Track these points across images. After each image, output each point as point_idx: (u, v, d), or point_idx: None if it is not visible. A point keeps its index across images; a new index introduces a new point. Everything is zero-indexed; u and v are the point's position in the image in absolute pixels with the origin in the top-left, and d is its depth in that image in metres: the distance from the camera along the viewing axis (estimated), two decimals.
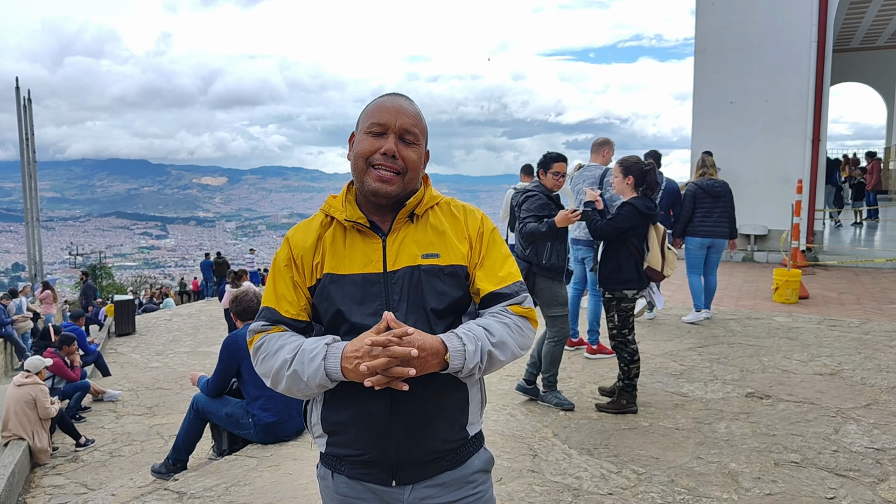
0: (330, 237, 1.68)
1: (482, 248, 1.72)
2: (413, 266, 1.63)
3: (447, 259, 1.66)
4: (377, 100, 1.70)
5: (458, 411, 1.68)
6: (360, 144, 1.65)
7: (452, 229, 1.71)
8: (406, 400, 1.56)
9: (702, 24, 12.13)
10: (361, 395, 1.56)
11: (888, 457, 3.74)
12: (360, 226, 1.65)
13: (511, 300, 1.68)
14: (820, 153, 11.23)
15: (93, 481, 5.77)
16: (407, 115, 1.65)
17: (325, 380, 1.52)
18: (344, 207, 1.69)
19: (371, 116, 1.65)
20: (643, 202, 4.49)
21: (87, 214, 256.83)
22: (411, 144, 1.65)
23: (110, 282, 46.86)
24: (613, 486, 3.51)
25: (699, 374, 5.42)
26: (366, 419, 1.60)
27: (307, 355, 1.55)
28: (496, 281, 1.68)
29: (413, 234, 1.67)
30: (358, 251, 1.65)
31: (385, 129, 1.62)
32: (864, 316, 7.28)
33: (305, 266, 1.67)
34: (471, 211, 1.78)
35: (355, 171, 1.66)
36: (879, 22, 19.26)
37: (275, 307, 1.68)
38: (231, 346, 4.64)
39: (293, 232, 1.74)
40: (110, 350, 13.43)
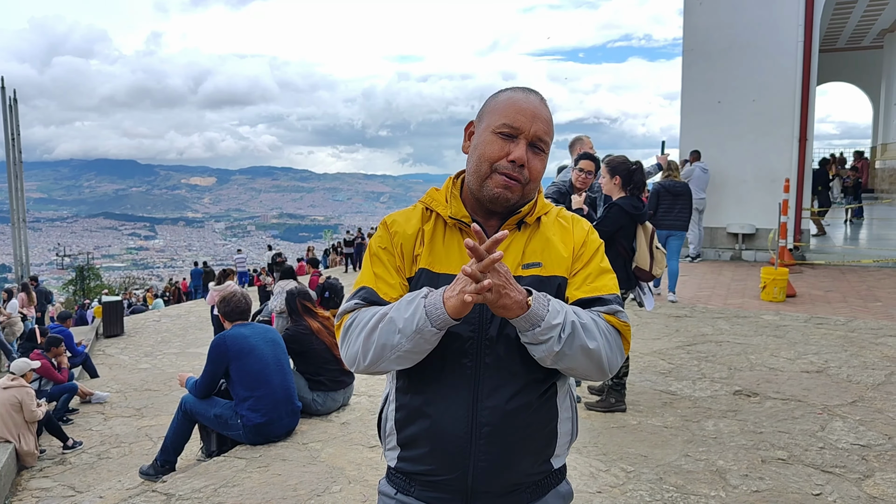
0: (430, 231, 1.57)
1: (583, 258, 1.59)
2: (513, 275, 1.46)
3: (550, 269, 1.54)
4: (509, 94, 1.55)
5: (545, 443, 1.56)
6: (487, 146, 1.50)
7: (560, 237, 1.60)
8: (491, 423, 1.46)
9: (689, 25, 12.18)
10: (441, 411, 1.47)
11: (874, 453, 3.78)
12: (463, 224, 1.54)
13: (604, 307, 1.52)
14: (807, 152, 11.31)
15: (80, 484, 5.73)
16: (542, 121, 1.51)
17: (425, 321, 1.36)
18: (448, 203, 1.58)
19: (503, 115, 1.50)
20: (630, 202, 4.49)
21: (75, 215, 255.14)
22: (540, 153, 1.52)
23: (98, 283, 46.60)
24: (602, 484, 3.52)
25: (687, 372, 5.45)
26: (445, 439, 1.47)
27: (405, 301, 1.43)
28: (588, 290, 1.55)
29: (518, 241, 1.56)
30: (455, 251, 1.54)
31: (517, 133, 1.49)
32: (850, 314, 7.34)
33: (406, 254, 1.56)
34: (579, 221, 1.66)
35: (475, 172, 1.53)
36: (865, 22, 19.44)
37: (373, 287, 1.55)
38: (219, 347, 4.62)
39: (392, 218, 1.63)
40: (98, 351, 13.34)
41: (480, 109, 1.60)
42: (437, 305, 1.37)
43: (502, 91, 1.58)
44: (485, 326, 1.47)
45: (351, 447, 4.38)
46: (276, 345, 4.83)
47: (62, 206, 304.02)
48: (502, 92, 1.58)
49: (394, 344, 1.41)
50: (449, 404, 1.46)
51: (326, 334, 5.32)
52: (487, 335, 1.47)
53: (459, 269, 1.43)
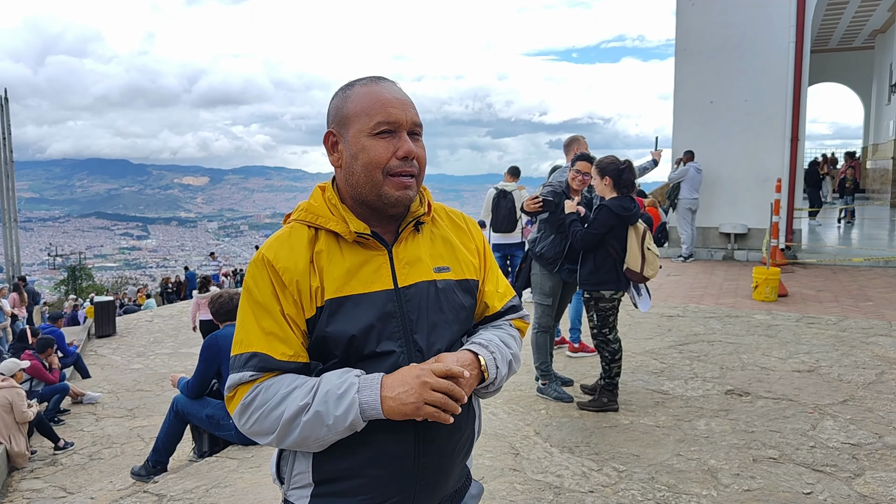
0: (323, 253, 1.39)
1: (487, 262, 1.60)
2: (427, 281, 1.43)
3: (459, 273, 1.49)
4: (365, 89, 1.42)
5: (469, 445, 1.53)
6: (370, 151, 1.37)
7: (460, 239, 1.55)
8: (431, 436, 1.38)
9: (682, 25, 12.22)
10: (379, 434, 1.34)
11: (864, 452, 3.80)
12: (364, 237, 1.40)
13: (513, 315, 1.60)
14: (798, 152, 11.35)
15: (72, 485, 5.71)
16: (411, 106, 1.42)
17: (358, 418, 1.27)
18: (338, 216, 1.42)
19: (374, 114, 1.38)
20: (619, 203, 4.45)
21: (67, 215, 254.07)
22: (419, 139, 1.43)
23: (90, 283, 46.40)
24: (594, 483, 3.53)
25: (679, 371, 5.46)
26: (386, 462, 1.36)
27: (333, 392, 1.28)
28: (500, 297, 1.59)
29: (421, 244, 1.47)
30: (361, 267, 1.39)
31: (396, 127, 1.38)
32: (841, 313, 7.37)
33: (303, 293, 1.36)
34: (470, 219, 1.63)
35: (368, 182, 1.39)
36: (856, 23, 19.54)
37: (267, 352, 1.34)
38: (212, 347, 4.61)
39: (273, 251, 1.39)
40: (90, 352, 13.28)
41: (336, 114, 1.44)
42: (375, 406, 1.28)
43: (350, 88, 1.44)
44: (410, 337, 1.39)
45: None
46: None
47: (54, 206, 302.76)
48: (351, 89, 1.43)
49: (319, 436, 1.30)
50: (389, 425, 1.33)
51: None
52: (417, 347, 1.39)
53: (367, 286, 1.38)
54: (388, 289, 1.39)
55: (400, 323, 1.38)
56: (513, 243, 8.58)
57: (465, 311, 1.49)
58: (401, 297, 1.39)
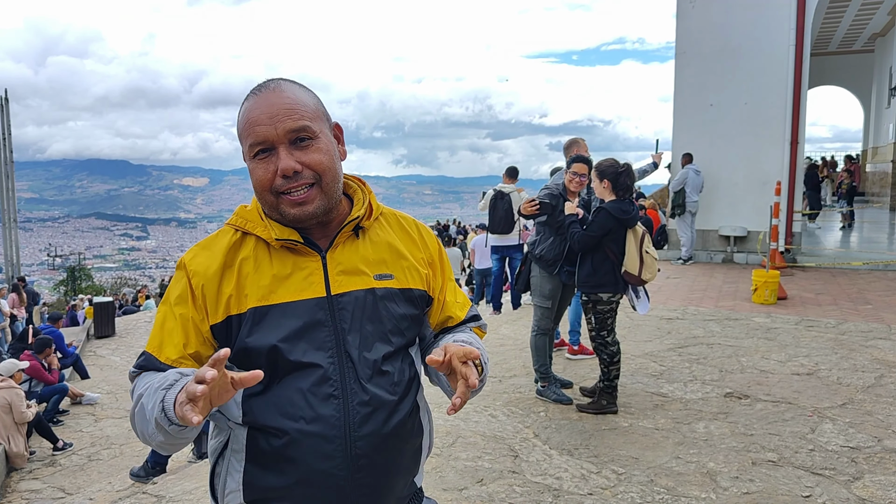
0: (249, 260, 1.34)
1: (444, 272, 1.54)
2: (365, 289, 1.36)
3: (403, 281, 1.42)
4: (245, 106, 1.33)
5: (413, 461, 1.44)
6: (253, 175, 1.32)
7: (407, 247, 1.48)
8: (364, 451, 1.30)
9: (682, 28, 12.23)
10: (307, 452, 1.27)
11: (863, 455, 3.80)
12: (293, 243, 1.34)
13: (474, 323, 1.59)
14: (798, 155, 11.37)
15: (70, 485, 5.71)
16: (284, 111, 1.29)
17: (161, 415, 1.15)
18: (266, 223, 1.36)
19: (247, 136, 1.31)
20: (618, 206, 4.45)
21: (66, 215, 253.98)
22: (309, 143, 1.31)
23: (90, 283, 46.37)
24: (593, 486, 3.53)
25: (679, 374, 5.46)
26: (316, 481, 1.28)
27: (155, 385, 1.21)
28: (461, 307, 1.56)
29: (360, 250, 1.40)
30: (291, 274, 1.34)
31: (270, 145, 1.29)
32: (840, 316, 7.38)
33: (208, 298, 1.32)
34: (424, 227, 1.55)
35: (266, 206, 1.34)
36: (856, 26, 19.57)
37: (154, 353, 1.33)
38: None
39: (192, 254, 1.38)
40: (89, 352, 13.28)
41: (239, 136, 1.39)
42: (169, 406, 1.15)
43: (241, 105, 1.37)
44: (342, 348, 1.32)
45: None
46: None
47: (53, 206, 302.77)
48: (241, 107, 1.36)
49: (148, 431, 1.22)
50: (318, 442, 1.27)
51: None
52: (349, 358, 1.32)
53: (297, 294, 1.32)
54: (320, 296, 1.33)
55: (331, 332, 1.32)
56: (510, 245, 8.58)
57: (406, 321, 1.41)
58: (333, 305, 1.33)
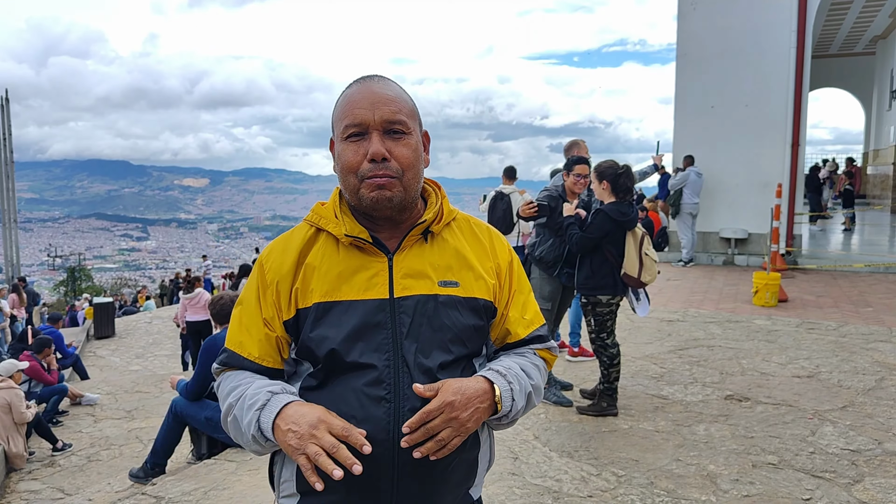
0: (318, 256, 1.37)
1: (512, 284, 1.49)
2: (429, 294, 1.35)
3: (469, 290, 1.39)
4: (346, 92, 1.38)
5: (466, 473, 1.42)
6: (342, 156, 1.34)
7: (476, 254, 1.44)
8: (414, 460, 1.28)
9: (683, 30, 12.23)
10: (358, 452, 1.24)
11: (863, 458, 3.79)
12: (362, 242, 1.35)
13: (539, 344, 1.51)
14: (799, 157, 11.36)
15: (70, 486, 5.70)
16: (385, 102, 1.33)
17: (259, 434, 1.25)
18: (340, 219, 1.38)
19: (345, 117, 1.34)
20: (616, 208, 4.43)
21: (67, 216, 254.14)
22: (401, 136, 1.34)
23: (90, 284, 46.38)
24: (593, 488, 3.52)
25: (679, 376, 5.45)
26: (363, 483, 1.28)
27: (246, 402, 1.29)
28: (525, 324, 1.49)
29: (427, 255, 1.39)
30: (357, 273, 1.35)
31: (364, 129, 1.32)
32: (841, 319, 7.37)
33: (282, 294, 1.36)
34: (497, 235, 1.53)
35: (347, 189, 1.36)
36: (857, 29, 19.57)
37: (236, 349, 1.39)
38: (211, 350, 4.60)
39: (268, 251, 1.42)
40: (89, 353, 13.28)
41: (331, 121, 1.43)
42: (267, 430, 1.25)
43: (342, 92, 1.41)
44: (399, 351, 1.32)
45: None
46: None
47: (54, 207, 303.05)
48: (342, 94, 1.41)
49: (245, 441, 1.32)
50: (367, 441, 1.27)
51: None
52: (405, 363, 1.32)
53: (360, 293, 1.33)
54: (383, 298, 1.33)
55: (389, 335, 1.31)
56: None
57: (469, 331, 1.38)
58: (394, 308, 1.33)
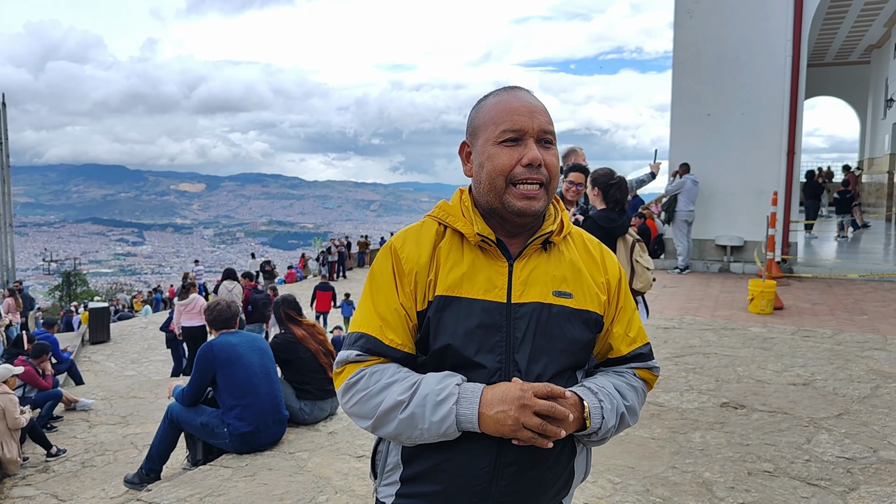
0: (445, 251, 1.40)
1: (619, 301, 1.52)
2: (543, 303, 1.37)
3: (582, 302, 1.42)
4: (496, 99, 1.43)
5: (563, 482, 1.44)
6: (495, 159, 1.37)
7: (588, 269, 1.48)
8: (514, 459, 1.32)
9: (679, 38, 12.29)
10: (462, 449, 1.31)
11: (859, 466, 3.80)
12: (488, 242, 1.39)
13: (640, 364, 1.52)
14: (795, 165, 11.41)
15: (64, 492, 5.67)
16: (541, 113, 1.39)
17: (453, 428, 1.27)
18: (468, 219, 1.41)
19: (500, 122, 1.37)
20: (604, 215, 4.40)
21: (62, 220, 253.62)
22: (550, 146, 1.40)
23: (85, 289, 46.26)
24: (589, 495, 3.52)
25: (675, 383, 5.46)
26: (465, 481, 1.32)
27: (432, 397, 1.27)
28: (629, 341, 1.51)
29: (545, 264, 1.42)
30: (479, 272, 1.38)
31: (522, 135, 1.36)
32: (836, 326, 7.38)
33: (419, 285, 1.38)
34: (607, 251, 1.57)
35: (491, 191, 1.38)
36: (852, 38, 19.69)
37: (376, 335, 1.37)
38: (207, 356, 4.59)
39: (401, 241, 1.44)
40: (84, 358, 13.24)
41: (470, 125, 1.47)
42: (471, 421, 1.26)
43: (486, 98, 1.46)
44: (511, 355, 1.35)
45: (338, 457, 4.35)
46: (264, 353, 4.81)
47: (49, 211, 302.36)
48: (486, 99, 1.46)
49: (412, 436, 1.31)
50: (471, 442, 1.31)
51: (312, 342, 5.30)
52: (516, 367, 1.35)
53: (480, 293, 1.36)
54: (500, 301, 1.36)
55: (504, 338, 1.34)
56: None
57: (578, 343, 1.40)
58: (511, 313, 1.35)
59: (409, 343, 1.39)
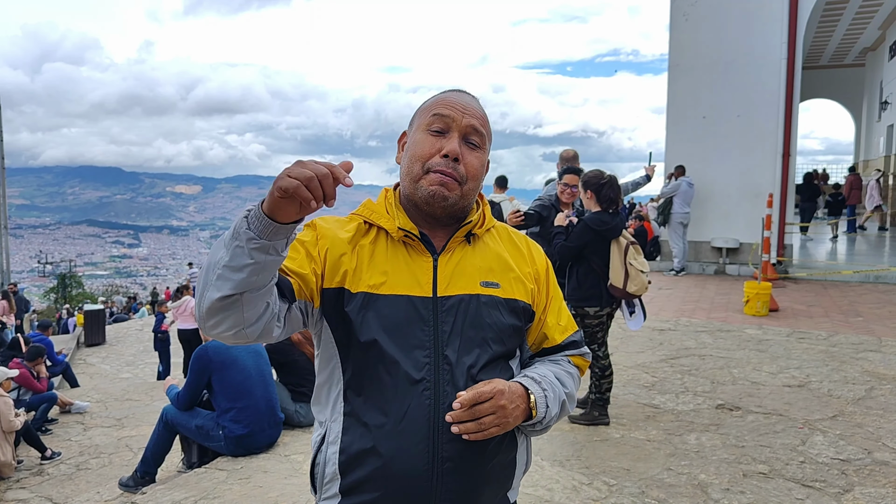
0: (368, 247, 1.39)
1: (549, 290, 1.53)
2: (471, 294, 1.37)
3: (509, 291, 1.42)
4: (438, 94, 1.46)
5: (505, 474, 1.42)
6: (417, 145, 1.39)
7: (515, 259, 1.49)
8: (451, 455, 1.30)
9: (675, 40, 12.32)
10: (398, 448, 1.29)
11: (853, 468, 3.80)
12: (411, 237, 1.39)
13: (573, 351, 1.55)
14: (790, 168, 11.44)
15: (58, 495, 5.65)
16: (473, 114, 1.40)
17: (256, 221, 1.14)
18: (391, 214, 1.41)
19: (432, 109, 1.40)
20: (597, 218, 4.39)
21: (58, 222, 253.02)
22: (476, 148, 1.41)
23: (80, 291, 46.13)
24: (585, 497, 3.52)
25: (671, 385, 5.47)
26: (403, 480, 1.29)
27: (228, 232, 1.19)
28: (561, 330, 1.53)
29: (470, 256, 1.42)
30: (403, 268, 1.37)
31: (448, 127, 1.38)
32: (831, 328, 7.40)
33: (329, 260, 1.36)
34: (534, 244, 1.57)
35: (408, 175, 1.39)
36: (847, 41, 19.76)
37: None
38: (202, 358, 4.59)
39: (322, 221, 1.44)
40: (79, 360, 13.20)
41: (411, 119, 1.49)
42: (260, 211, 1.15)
43: (435, 95, 1.48)
44: (440, 349, 1.33)
45: None
46: (259, 356, 4.81)
47: (45, 213, 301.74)
48: (435, 95, 1.48)
49: (215, 261, 1.17)
50: (406, 439, 1.29)
51: (307, 345, 5.29)
52: (446, 361, 1.33)
53: (405, 288, 1.35)
54: (426, 296, 1.35)
55: (431, 332, 1.33)
56: None
57: (508, 331, 1.40)
58: (437, 306, 1.35)
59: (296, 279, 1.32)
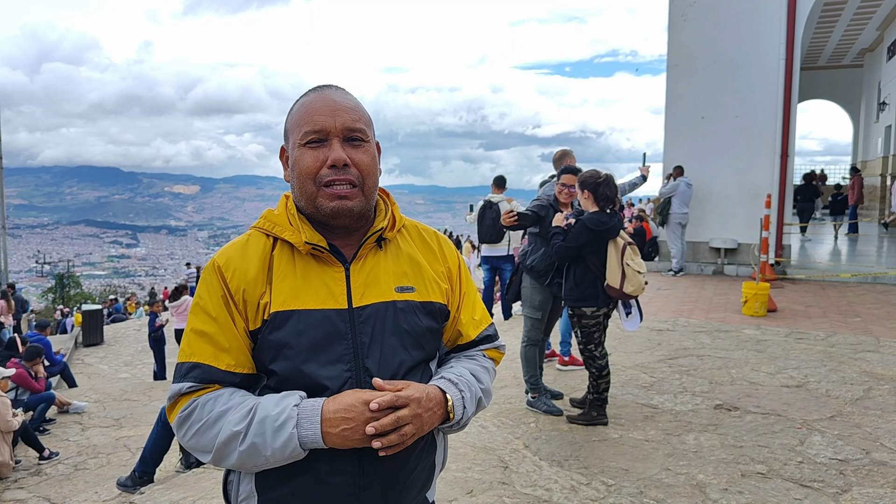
0: (277, 264, 1.33)
1: (462, 287, 1.52)
2: (387, 302, 1.35)
3: (425, 294, 1.40)
4: (304, 100, 1.38)
5: (426, 477, 1.43)
6: (300, 162, 1.33)
7: (427, 260, 1.47)
8: (376, 468, 1.29)
9: (674, 41, 12.32)
10: (318, 463, 1.26)
11: (851, 468, 3.81)
12: (320, 250, 1.33)
13: (488, 345, 1.55)
14: (788, 168, 11.45)
15: (56, 495, 5.65)
16: (345, 110, 1.34)
17: (298, 450, 1.20)
18: (296, 227, 1.35)
19: (303, 123, 1.34)
20: (595, 218, 4.39)
21: (56, 222, 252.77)
22: (360, 144, 1.35)
23: (78, 291, 46.07)
24: (583, 497, 3.52)
25: (669, 385, 5.47)
26: (328, 494, 1.27)
27: (270, 423, 1.20)
28: (475, 325, 1.52)
29: (383, 262, 1.39)
30: (314, 281, 1.32)
31: (325, 135, 1.32)
32: (829, 329, 7.41)
33: (249, 303, 1.30)
34: (444, 240, 1.55)
35: (303, 195, 1.34)
36: (845, 42, 19.78)
37: (210, 362, 1.28)
38: None
39: (224, 258, 1.34)
40: (77, 360, 13.19)
41: (284, 129, 1.43)
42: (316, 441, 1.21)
43: (297, 100, 1.41)
44: (360, 362, 1.31)
45: None
46: None
47: (43, 213, 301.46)
48: (296, 101, 1.41)
49: (258, 464, 1.24)
50: (329, 454, 1.26)
51: None
52: (367, 372, 1.30)
53: (318, 303, 1.30)
54: (341, 308, 1.31)
55: (350, 345, 1.30)
56: (500, 255, 8.57)
57: (427, 334, 1.39)
58: (354, 318, 1.31)
59: (248, 363, 1.31)
